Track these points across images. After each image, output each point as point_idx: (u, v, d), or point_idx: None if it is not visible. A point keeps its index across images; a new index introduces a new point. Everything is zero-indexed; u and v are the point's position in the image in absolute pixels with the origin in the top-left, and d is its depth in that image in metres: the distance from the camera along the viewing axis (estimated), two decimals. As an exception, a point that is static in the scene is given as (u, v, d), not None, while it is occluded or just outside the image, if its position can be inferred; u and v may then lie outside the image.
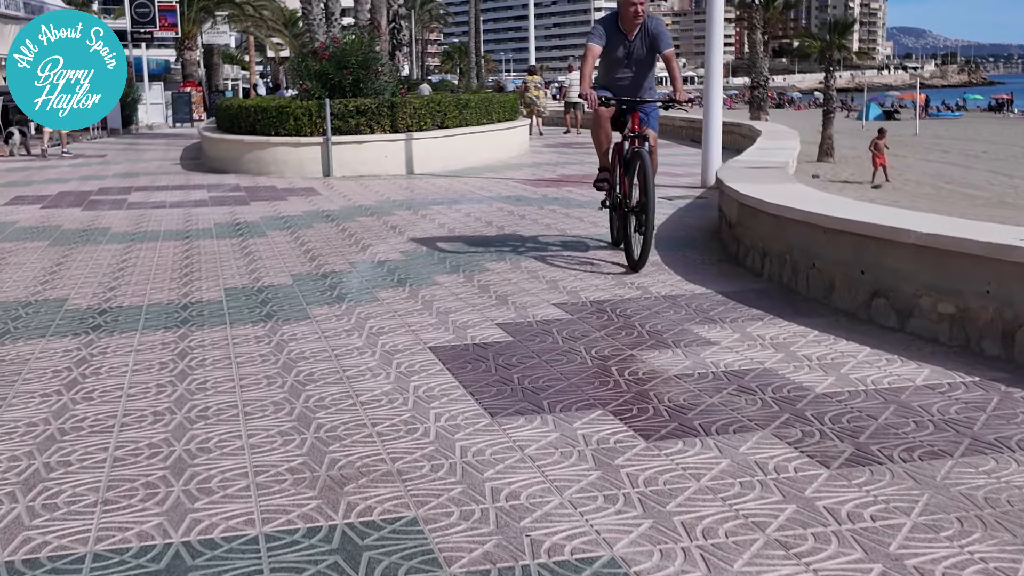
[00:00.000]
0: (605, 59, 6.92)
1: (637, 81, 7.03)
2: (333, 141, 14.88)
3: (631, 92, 6.99)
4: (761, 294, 5.95)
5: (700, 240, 8.19)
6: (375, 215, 10.21)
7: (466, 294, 6.16)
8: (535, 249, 7.80)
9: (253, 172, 15.28)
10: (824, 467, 3.27)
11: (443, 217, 9.89)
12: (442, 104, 16.08)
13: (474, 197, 11.65)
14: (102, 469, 3.38)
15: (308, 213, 10.49)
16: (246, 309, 5.88)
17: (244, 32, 57.31)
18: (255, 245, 8.37)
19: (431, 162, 15.36)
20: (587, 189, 12.24)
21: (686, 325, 5.25)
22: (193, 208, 11.16)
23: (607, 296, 6.01)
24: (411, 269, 7.06)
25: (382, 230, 9.13)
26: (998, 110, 79.99)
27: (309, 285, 6.57)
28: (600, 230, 8.69)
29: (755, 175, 8.19)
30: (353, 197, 12.00)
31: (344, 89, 16.17)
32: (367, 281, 6.69)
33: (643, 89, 7.07)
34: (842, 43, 31.09)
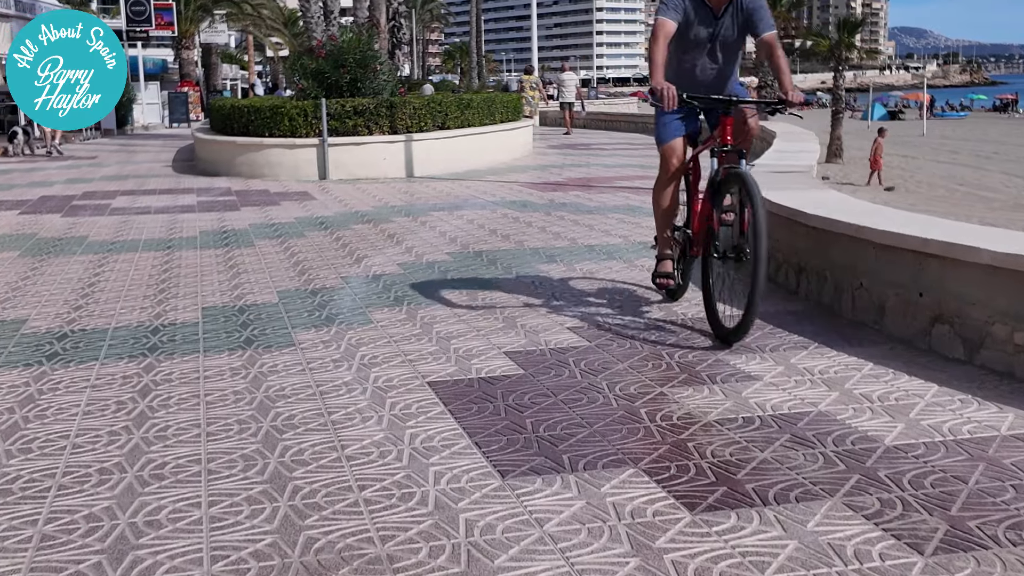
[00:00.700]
0: (679, 42, 5.01)
1: (724, 74, 5.19)
2: (329, 143, 14.26)
3: (716, 88, 5.13)
4: (800, 317, 5.32)
5: (722, 251, 7.56)
6: (372, 222, 9.58)
7: (469, 315, 5.54)
8: (544, 262, 7.17)
9: (246, 175, 14.65)
10: (916, 552, 2.64)
11: (444, 224, 9.26)
12: (443, 104, 15.46)
13: (477, 202, 11.03)
14: (24, 553, 2.75)
15: (301, 220, 9.87)
16: (224, 333, 5.25)
17: (243, 31, 56.77)
18: (241, 256, 7.74)
19: (432, 164, 14.74)
20: (595, 193, 11.62)
21: (720, 355, 4.62)
22: (179, 214, 10.53)
23: (627, 318, 5.38)
24: (409, 285, 6.43)
25: (379, 239, 8.50)
26: (1003, 110, 79.39)
27: (296, 304, 5.94)
28: (613, 240, 8.06)
29: (780, 180, 7.56)
30: (349, 202, 11.38)
31: (341, 89, 15.56)
32: (360, 299, 6.07)
33: (729, 85, 5.24)
34: (851, 42, 30.47)
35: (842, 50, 29.80)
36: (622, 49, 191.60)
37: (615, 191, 11.87)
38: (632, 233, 8.43)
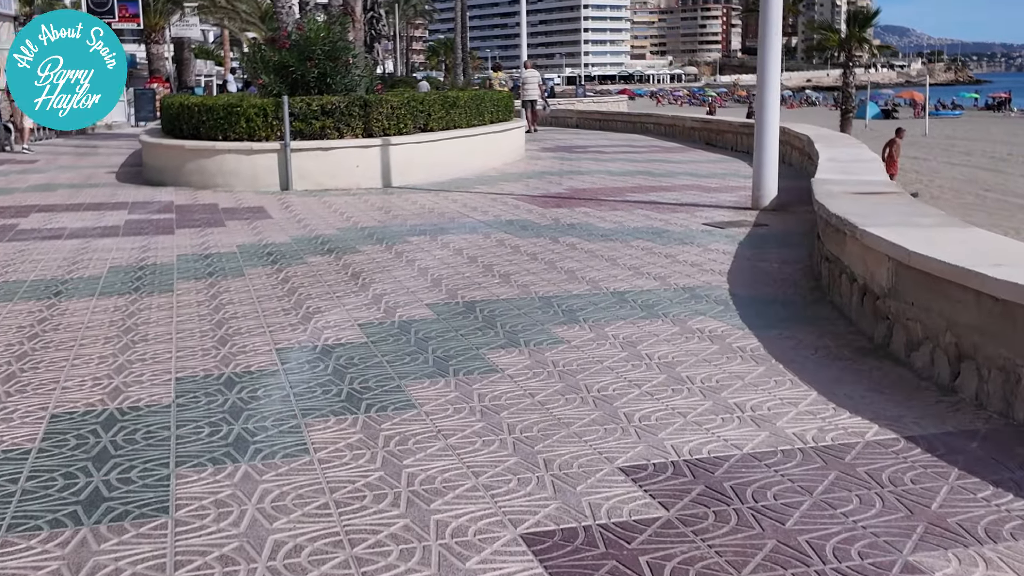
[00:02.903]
0: None
1: None
2: (293, 147, 12.22)
3: None
4: (995, 446, 3.35)
5: (799, 303, 5.59)
6: (334, 253, 7.57)
7: (464, 431, 3.56)
8: (562, 322, 5.19)
9: (196, 185, 12.59)
10: None
11: (425, 257, 7.27)
12: (425, 103, 13.43)
13: (465, 223, 9.04)
14: None
15: (245, 249, 7.85)
16: (54, 484, 3.24)
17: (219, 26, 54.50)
18: (145, 310, 5.72)
19: (412, 172, 12.73)
20: (606, 209, 9.65)
21: (893, 538, 2.66)
22: (95, 240, 8.47)
23: (708, 444, 3.41)
24: (370, 369, 4.44)
25: (339, 280, 6.50)
26: (997, 109, 77.99)
27: (194, 411, 3.92)
28: (648, 283, 6.08)
29: (879, 207, 5.61)
30: (311, 222, 9.36)
31: (308, 85, 13.51)
32: (297, 396, 4.07)
33: None
34: (863, 36, 28.56)
35: (851, 45, 27.90)
36: (608, 47, 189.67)
37: (630, 207, 9.91)
38: (669, 272, 6.47)
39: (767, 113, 9.42)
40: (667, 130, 22.21)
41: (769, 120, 9.42)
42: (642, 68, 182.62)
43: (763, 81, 9.37)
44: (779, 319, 5.21)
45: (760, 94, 9.47)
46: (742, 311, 5.37)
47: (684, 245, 7.57)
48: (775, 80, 9.40)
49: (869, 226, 4.70)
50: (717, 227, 8.54)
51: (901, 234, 4.44)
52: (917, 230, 4.62)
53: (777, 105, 9.53)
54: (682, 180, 12.46)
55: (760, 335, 4.85)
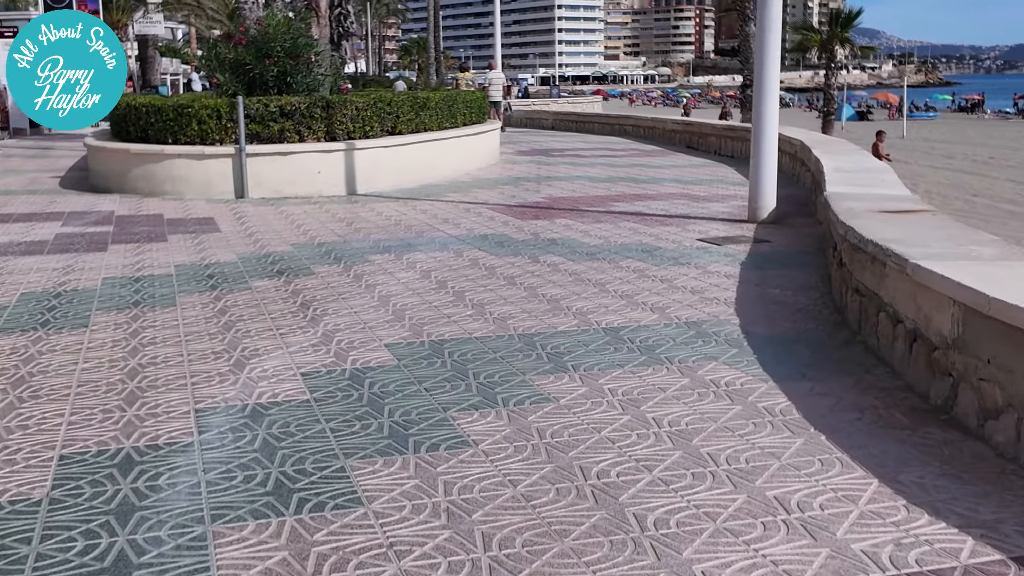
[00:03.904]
0: None
1: None
2: (248, 152, 11.27)
3: None
4: None
5: (825, 343, 4.75)
6: (284, 275, 6.66)
7: (422, 544, 2.67)
8: (546, 370, 4.31)
9: (143, 192, 11.61)
10: None
11: (387, 280, 6.36)
12: (393, 104, 12.51)
13: (435, 238, 8.14)
14: None
15: (184, 270, 6.91)
16: None
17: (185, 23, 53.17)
18: (47, 353, 4.77)
19: (379, 179, 11.82)
20: (590, 221, 8.78)
21: None
22: (16, 258, 7.49)
23: (753, 571, 2.54)
24: (311, 438, 3.53)
25: (286, 311, 5.58)
26: (971, 111, 78.04)
27: (70, 511, 3.01)
28: (645, 315, 5.21)
29: (917, 230, 4.78)
30: (263, 236, 8.43)
31: (267, 84, 12.57)
32: (210, 487, 3.15)
33: None
34: (845, 36, 27.89)
35: (833, 46, 27.22)
36: (581, 47, 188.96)
37: (615, 219, 9.05)
38: (667, 300, 5.61)
39: (765, 118, 8.60)
40: (646, 132, 21.40)
41: (767, 125, 8.61)
42: (616, 69, 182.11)
43: (761, 84, 8.55)
44: (805, 365, 4.36)
45: (758, 97, 8.65)
46: (760, 355, 4.51)
47: (680, 266, 6.73)
48: (774, 83, 8.59)
49: (922, 259, 3.85)
50: (714, 243, 7.70)
51: (967, 271, 3.60)
52: (981, 265, 3.79)
53: (776, 109, 8.71)
54: (668, 187, 11.63)
55: (788, 389, 3.99)
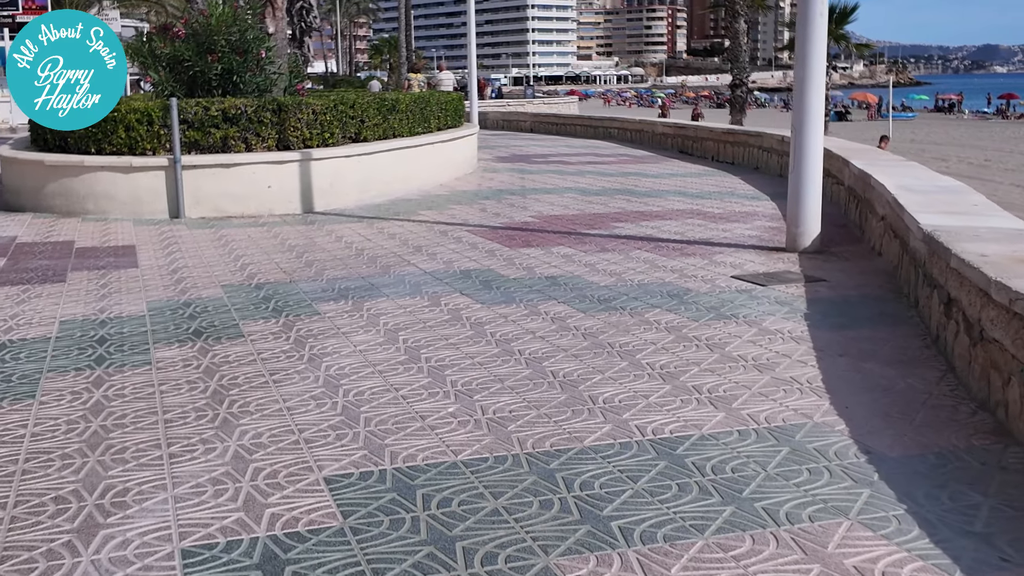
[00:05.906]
0: None
1: None
2: (185, 163, 9.55)
3: None
4: None
5: (993, 469, 3.14)
6: (202, 338, 4.97)
7: None
8: (583, 539, 2.68)
9: (60, 211, 9.85)
10: None
11: (340, 349, 4.70)
12: (357, 108, 10.82)
13: (405, 275, 6.49)
14: None
15: (69, 329, 5.20)
16: None
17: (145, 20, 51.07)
18: None
19: (341, 193, 10.15)
20: (595, 251, 7.03)
21: None
22: None
23: None
24: None
25: (188, 410, 3.91)
26: (948, 111, 77.37)
27: None
28: (707, 414, 3.57)
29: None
30: (190, 274, 6.73)
31: (211, 84, 10.87)
32: None
33: None
34: (841, 33, 26.48)
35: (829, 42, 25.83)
36: (554, 47, 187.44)
37: (622, 245, 7.44)
38: (728, 384, 3.99)
39: (808, 127, 7.03)
40: (633, 136, 19.83)
41: (811, 135, 7.03)
42: (589, 69, 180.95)
43: (804, 86, 6.97)
44: (988, 522, 2.75)
45: (799, 100, 7.07)
46: (910, 504, 2.90)
47: (725, 320, 5.13)
48: (819, 86, 7.02)
49: None
50: (755, 283, 6.11)
51: None
52: None
53: (821, 117, 7.15)
54: (673, 202, 10.05)
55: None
